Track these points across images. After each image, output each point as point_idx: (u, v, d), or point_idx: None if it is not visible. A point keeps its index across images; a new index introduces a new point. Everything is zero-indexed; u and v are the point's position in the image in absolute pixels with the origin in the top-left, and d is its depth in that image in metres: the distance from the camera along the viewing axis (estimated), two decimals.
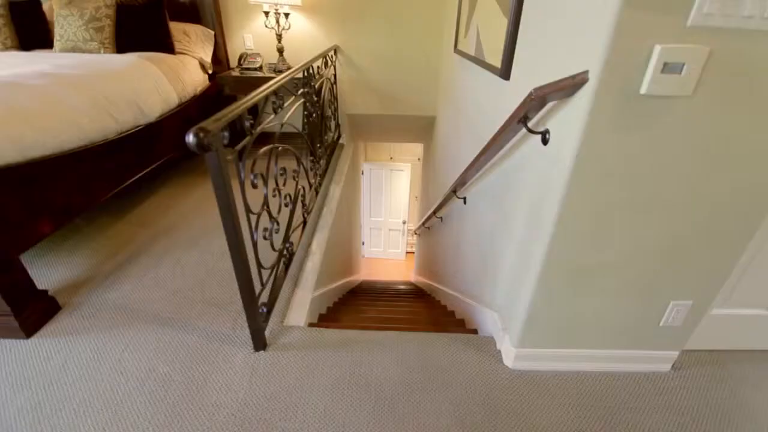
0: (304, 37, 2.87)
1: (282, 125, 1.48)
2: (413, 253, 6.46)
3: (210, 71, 2.73)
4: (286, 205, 1.58)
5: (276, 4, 2.52)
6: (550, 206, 1.00)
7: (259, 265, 1.24)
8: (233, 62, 2.92)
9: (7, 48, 2.28)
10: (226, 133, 0.93)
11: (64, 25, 2.15)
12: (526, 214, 1.17)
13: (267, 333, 1.30)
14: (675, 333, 1.22)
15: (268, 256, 1.32)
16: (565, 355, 1.24)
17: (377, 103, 3.19)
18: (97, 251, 1.74)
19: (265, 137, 1.28)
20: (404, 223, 6.16)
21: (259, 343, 1.25)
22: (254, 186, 1.19)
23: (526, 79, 1.23)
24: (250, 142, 1.13)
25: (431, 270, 3.58)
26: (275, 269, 1.41)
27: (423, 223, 3.64)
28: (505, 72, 1.36)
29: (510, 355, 1.25)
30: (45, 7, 2.43)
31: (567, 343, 1.22)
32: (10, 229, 1.26)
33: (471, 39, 1.88)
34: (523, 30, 1.26)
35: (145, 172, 1.97)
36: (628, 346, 1.24)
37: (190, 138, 0.80)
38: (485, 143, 1.49)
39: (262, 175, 1.25)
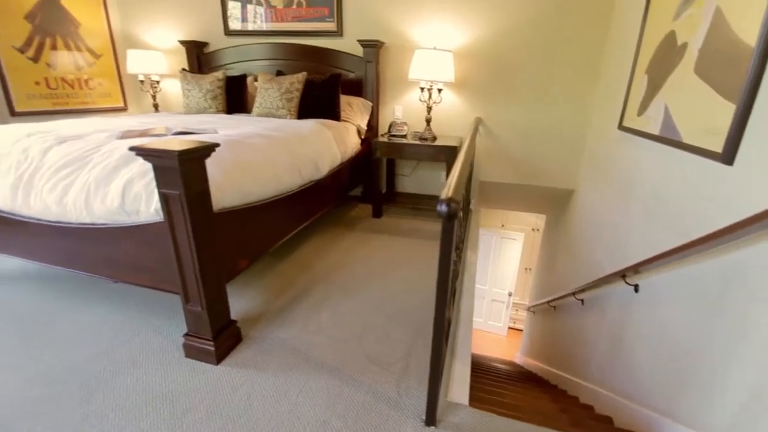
0: (450, 108, 3.06)
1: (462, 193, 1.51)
2: (518, 330, 5.94)
3: (362, 136, 3.03)
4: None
5: (432, 81, 2.76)
6: None
7: None
8: (382, 129, 3.21)
9: (218, 111, 2.85)
10: None
11: (264, 95, 2.62)
12: None
13: None
14: None
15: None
16: None
17: (511, 172, 3.17)
18: (266, 289, 1.91)
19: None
20: (510, 295, 5.77)
21: (431, 417, 1.18)
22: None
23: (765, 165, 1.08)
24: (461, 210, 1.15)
25: (555, 356, 3.20)
26: (444, 337, 1.37)
27: (548, 302, 3.34)
28: (727, 156, 1.23)
29: None
30: (248, 80, 3.02)
31: None
32: (227, 262, 1.45)
33: (653, 118, 1.78)
34: (759, 113, 1.14)
35: (311, 220, 2.18)
36: None
37: (443, 208, 0.84)
38: (679, 229, 1.33)
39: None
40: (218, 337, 1.41)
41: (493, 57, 2.87)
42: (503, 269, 5.73)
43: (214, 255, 1.34)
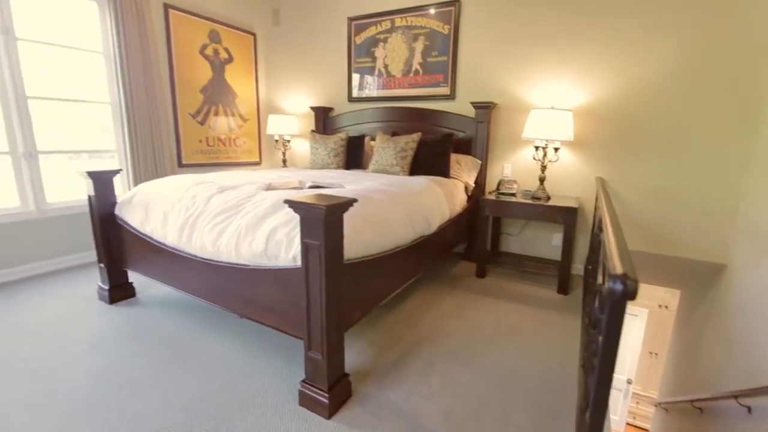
0: (566, 168, 2.90)
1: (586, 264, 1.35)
2: (638, 427, 4.92)
3: (469, 193, 3.01)
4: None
5: (548, 140, 2.67)
6: None
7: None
8: (489, 187, 3.17)
9: (338, 167, 3.12)
10: None
11: (381, 153, 2.80)
12: None
13: None
14: None
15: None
16: None
17: (638, 239, 2.80)
18: (373, 342, 1.89)
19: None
20: (629, 382, 4.87)
21: None
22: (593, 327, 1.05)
23: None
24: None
25: None
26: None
27: (692, 401, 2.72)
28: None
29: None
30: (366, 140, 3.29)
31: None
32: (346, 312, 1.48)
33: None
34: None
35: (419, 274, 2.16)
36: None
37: (618, 286, 0.74)
38: None
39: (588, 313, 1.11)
40: (332, 389, 1.41)
41: (618, 114, 2.70)
42: (620, 350, 4.91)
43: (338, 305, 1.38)
